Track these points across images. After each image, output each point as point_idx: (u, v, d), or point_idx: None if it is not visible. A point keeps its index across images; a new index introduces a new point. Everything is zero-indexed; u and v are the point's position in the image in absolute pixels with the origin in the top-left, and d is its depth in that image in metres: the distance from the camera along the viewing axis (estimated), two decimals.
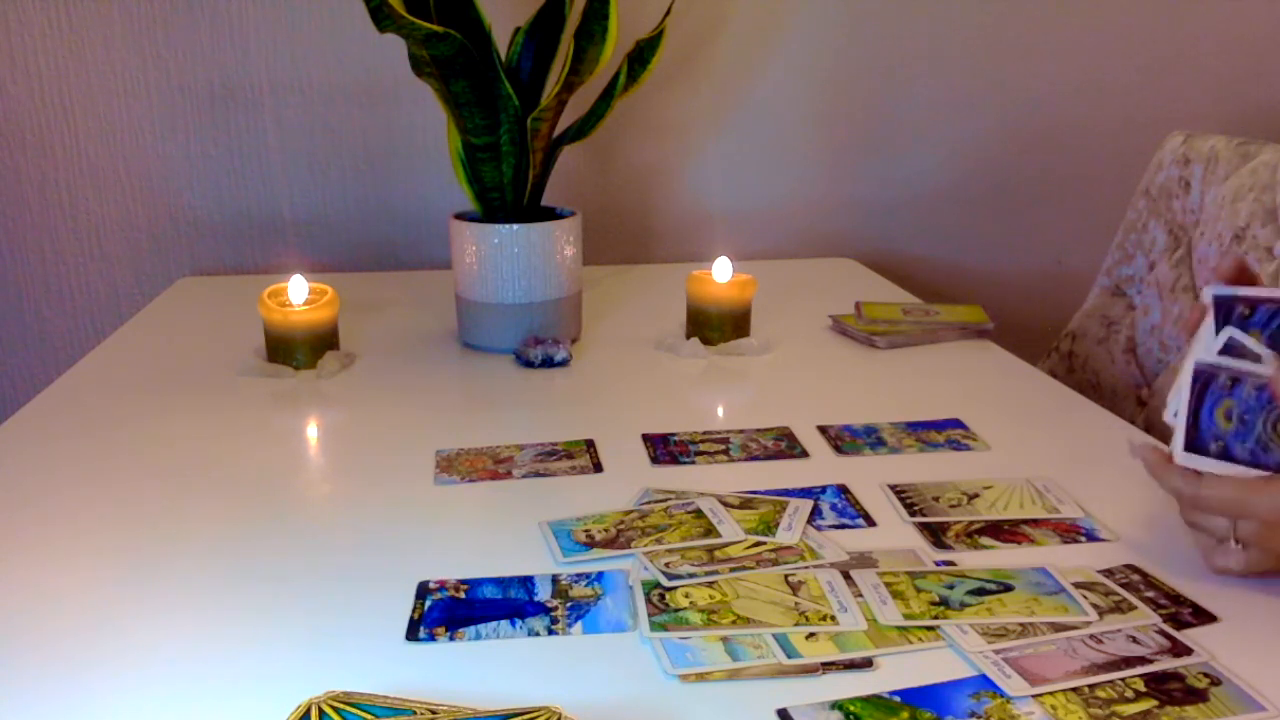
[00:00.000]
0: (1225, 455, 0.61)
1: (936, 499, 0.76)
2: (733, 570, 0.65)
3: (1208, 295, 0.63)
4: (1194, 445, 0.62)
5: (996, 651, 0.56)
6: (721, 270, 1.11)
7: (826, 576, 0.64)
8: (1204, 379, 0.62)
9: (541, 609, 0.62)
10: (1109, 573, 0.65)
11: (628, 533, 0.70)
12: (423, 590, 0.64)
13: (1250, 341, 0.61)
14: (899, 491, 0.77)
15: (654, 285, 1.39)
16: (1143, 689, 0.53)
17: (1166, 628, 0.59)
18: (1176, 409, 0.63)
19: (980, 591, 0.62)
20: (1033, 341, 1.37)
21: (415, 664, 0.57)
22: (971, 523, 0.72)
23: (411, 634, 0.59)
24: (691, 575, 0.64)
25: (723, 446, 0.86)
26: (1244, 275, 0.64)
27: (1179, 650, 0.56)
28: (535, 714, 0.46)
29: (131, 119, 1.42)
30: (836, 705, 0.53)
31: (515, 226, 1.07)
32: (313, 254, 1.48)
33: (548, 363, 1.06)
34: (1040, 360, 1.36)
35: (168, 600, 0.64)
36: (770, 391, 1.02)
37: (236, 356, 1.07)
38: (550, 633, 0.59)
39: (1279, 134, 1.55)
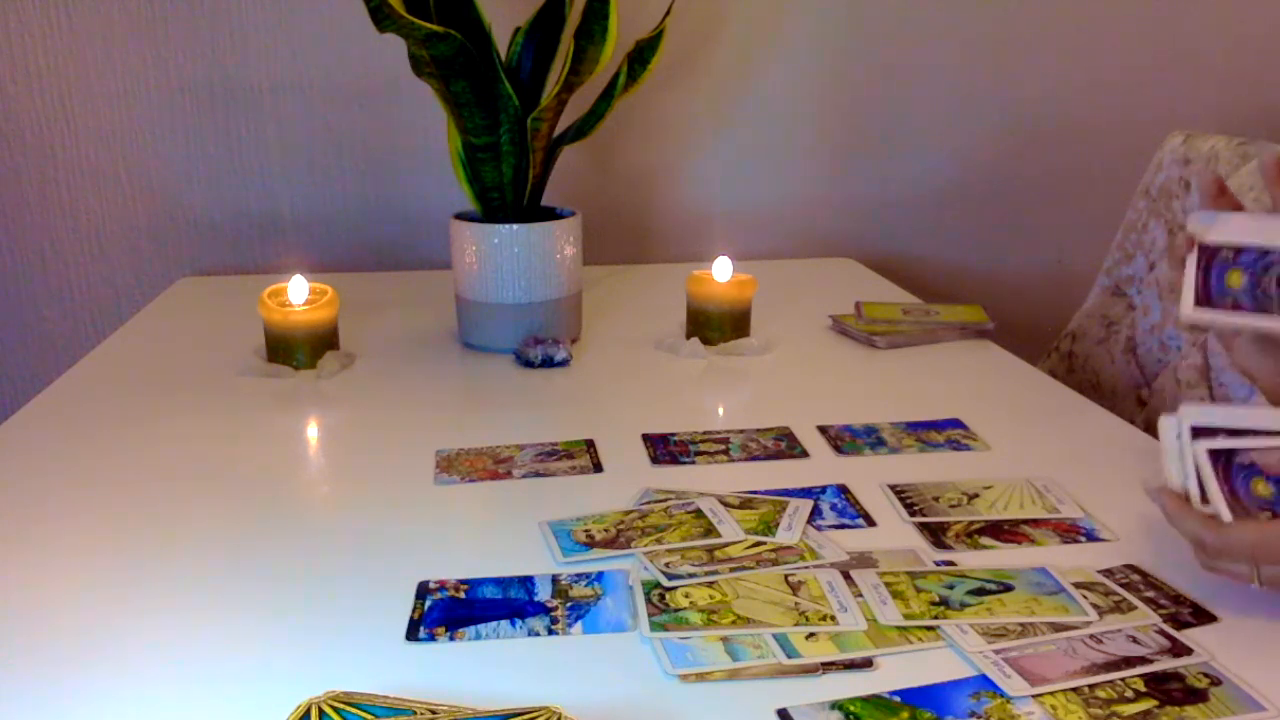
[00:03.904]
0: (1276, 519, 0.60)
1: (936, 499, 0.76)
2: (733, 570, 0.65)
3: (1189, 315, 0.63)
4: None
5: (996, 651, 0.56)
6: (721, 270, 1.11)
7: (826, 576, 0.64)
8: (1222, 460, 0.61)
9: (541, 609, 0.62)
10: (1109, 573, 0.65)
11: (628, 533, 0.70)
12: (423, 590, 0.64)
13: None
14: (899, 491, 0.77)
15: (654, 285, 1.39)
16: (1143, 689, 0.53)
17: (1166, 628, 0.59)
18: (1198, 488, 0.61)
19: (980, 591, 0.62)
20: (1033, 341, 1.37)
21: (415, 664, 0.57)
22: (971, 523, 0.72)
23: (411, 634, 0.59)
24: (691, 575, 0.64)
25: (723, 446, 0.86)
26: (1224, 195, 0.64)
27: (1179, 650, 0.56)
28: (535, 714, 0.46)
29: (131, 119, 1.42)
30: (836, 705, 0.53)
31: (515, 226, 1.07)
32: (313, 254, 1.48)
33: (548, 363, 1.06)
34: (1040, 360, 1.36)
35: (167, 600, 0.64)
36: (770, 391, 1.02)
37: (236, 356, 1.07)
38: (550, 633, 0.59)
39: (1279, 134, 1.55)
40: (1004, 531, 0.71)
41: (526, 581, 0.65)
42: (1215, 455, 0.60)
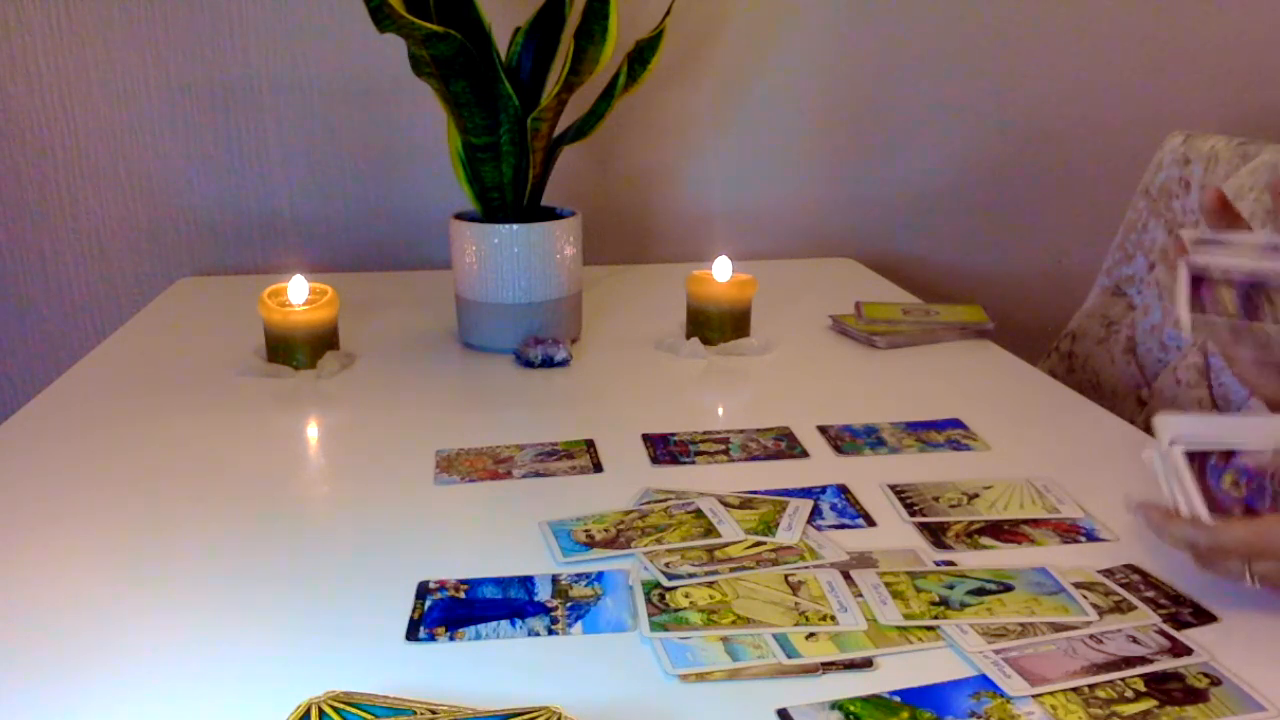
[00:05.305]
0: (1249, 514, 0.61)
1: (936, 499, 0.76)
2: (733, 570, 0.65)
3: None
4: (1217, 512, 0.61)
5: (996, 651, 0.56)
6: (721, 270, 1.11)
7: (826, 576, 0.64)
8: (1198, 460, 0.62)
9: (541, 609, 0.62)
10: (1109, 573, 0.65)
11: (628, 533, 0.70)
12: (423, 590, 0.64)
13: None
14: (899, 491, 0.77)
15: (654, 285, 1.39)
16: (1143, 689, 0.53)
17: (1166, 628, 0.59)
18: (1180, 496, 0.62)
19: (980, 591, 0.62)
20: (1033, 341, 1.37)
21: (415, 664, 0.57)
22: (971, 523, 0.72)
23: (411, 634, 0.59)
24: (691, 575, 0.64)
25: (723, 446, 0.86)
26: (1226, 210, 0.64)
27: (1179, 650, 0.56)
28: (535, 714, 0.46)
29: (131, 119, 1.42)
30: (836, 705, 0.53)
31: (515, 226, 1.07)
32: (313, 254, 1.48)
33: (548, 363, 1.06)
34: (1040, 360, 1.36)
35: (167, 600, 0.64)
36: (770, 391, 1.02)
37: (236, 356, 1.07)
38: (550, 633, 0.59)
39: (1279, 134, 1.55)
40: (1004, 531, 0.71)
41: (526, 581, 0.65)
42: (1191, 456, 0.62)
